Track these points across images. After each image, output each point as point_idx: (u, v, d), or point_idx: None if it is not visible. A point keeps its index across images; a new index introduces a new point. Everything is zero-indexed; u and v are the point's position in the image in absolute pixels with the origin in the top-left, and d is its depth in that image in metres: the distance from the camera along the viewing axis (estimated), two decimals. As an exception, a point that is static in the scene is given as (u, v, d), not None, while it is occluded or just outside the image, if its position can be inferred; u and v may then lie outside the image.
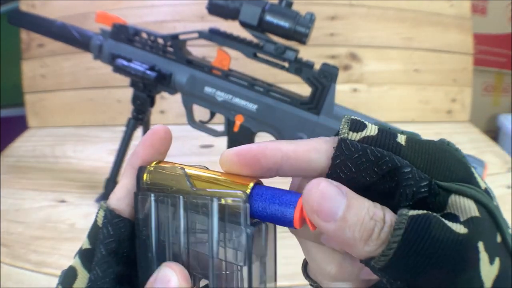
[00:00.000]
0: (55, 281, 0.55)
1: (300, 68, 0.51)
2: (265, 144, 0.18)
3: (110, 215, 0.21)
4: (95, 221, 0.21)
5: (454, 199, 0.15)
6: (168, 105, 0.90)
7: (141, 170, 0.21)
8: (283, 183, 0.19)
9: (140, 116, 0.61)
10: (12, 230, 0.58)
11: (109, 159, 0.63)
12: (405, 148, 0.16)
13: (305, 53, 0.55)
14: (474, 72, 0.97)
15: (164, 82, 0.56)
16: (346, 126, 0.17)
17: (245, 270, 0.18)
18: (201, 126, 0.58)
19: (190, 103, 0.57)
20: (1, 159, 0.77)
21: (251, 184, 0.19)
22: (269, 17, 0.49)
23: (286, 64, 0.52)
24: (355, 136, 0.16)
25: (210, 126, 0.58)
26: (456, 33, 0.95)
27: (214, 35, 0.53)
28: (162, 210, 0.20)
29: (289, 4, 0.50)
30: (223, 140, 0.58)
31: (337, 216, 0.15)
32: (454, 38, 0.95)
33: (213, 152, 0.79)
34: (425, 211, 0.15)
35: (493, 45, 1.11)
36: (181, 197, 0.20)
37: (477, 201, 0.15)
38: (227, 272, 0.19)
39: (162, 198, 0.20)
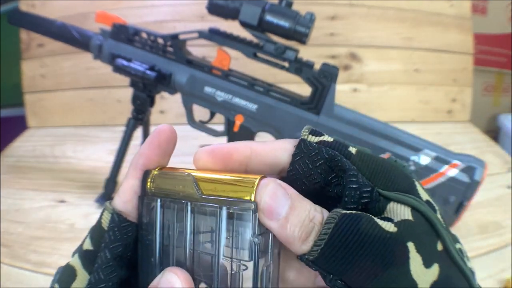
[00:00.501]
0: (55, 281, 0.54)
1: (300, 68, 0.51)
2: (236, 143, 0.20)
3: (118, 219, 0.20)
4: (100, 222, 0.21)
5: (392, 206, 0.17)
6: (168, 105, 0.90)
7: (146, 174, 0.21)
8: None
9: (140, 116, 0.61)
10: (12, 230, 0.58)
11: (109, 159, 0.63)
12: (354, 156, 0.18)
13: (305, 53, 0.55)
14: (474, 72, 0.97)
15: (164, 82, 0.56)
16: (306, 131, 0.19)
17: (250, 274, 0.18)
18: (201, 126, 0.58)
19: (190, 103, 0.57)
20: (1, 159, 0.77)
21: (257, 180, 0.19)
22: (269, 17, 0.49)
23: (286, 64, 0.52)
24: (314, 139, 0.19)
25: (210, 126, 0.58)
26: (456, 33, 0.95)
27: (214, 35, 0.53)
28: (167, 215, 0.20)
29: (289, 4, 0.49)
30: (223, 140, 0.58)
31: (280, 216, 0.17)
32: (454, 38, 0.95)
33: (213, 152, 0.79)
34: (358, 212, 0.16)
35: (493, 45, 1.11)
36: (188, 203, 0.19)
37: (414, 208, 0.17)
38: (233, 280, 0.19)
39: (169, 203, 0.20)
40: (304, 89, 0.53)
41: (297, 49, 0.51)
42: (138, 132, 0.64)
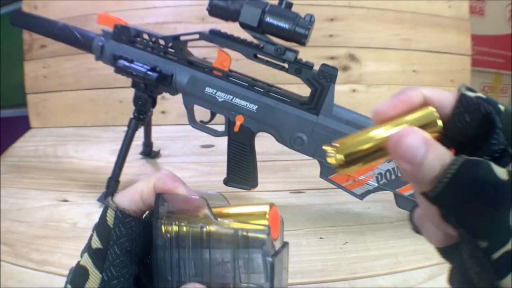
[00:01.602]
0: (57, 280, 0.55)
1: (299, 69, 0.52)
2: (409, 90, 0.21)
3: (122, 215, 0.21)
4: (105, 220, 0.22)
5: None
6: (169, 105, 0.90)
7: (159, 198, 0.22)
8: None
9: (142, 116, 0.61)
10: (14, 229, 0.58)
11: (111, 159, 0.63)
12: (503, 114, 0.20)
13: (305, 54, 0.56)
14: (472, 73, 0.98)
15: (165, 82, 0.56)
16: (464, 87, 0.20)
17: None
18: (201, 126, 0.59)
19: (191, 104, 0.57)
20: (3, 159, 0.77)
21: (268, 209, 0.20)
22: (269, 19, 0.49)
23: (286, 65, 0.52)
24: (472, 94, 0.20)
25: (210, 126, 0.59)
26: (454, 34, 0.95)
27: (215, 36, 0.54)
28: (182, 237, 0.21)
29: (289, 6, 0.50)
30: (224, 140, 0.58)
31: (416, 161, 0.18)
32: (452, 39, 0.95)
33: (214, 152, 0.80)
34: (479, 158, 0.17)
35: (491, 46, 1.12)
36: (204, 226, 0.20)
37: None
38: None
39: (184, 227, 0.21)
40: (303, 90, 0.54)
41: (297, 50, 0.52)
42: (140, 133, 0.64)
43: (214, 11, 0.51)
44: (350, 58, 0.93)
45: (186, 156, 0.79)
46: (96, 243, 0.22)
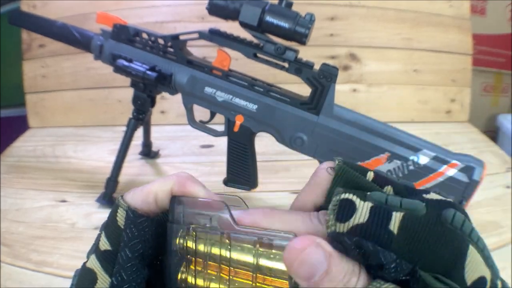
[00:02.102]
0: (56, 280, 0.55)
1: (300, 68, 0.51)
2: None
3: (133, 215, 0.20)
4: (115, 220, 0.20)
5: None
6: (169, 105, 0.90)
7: (175, 200, 0.20)
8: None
9: (141, 116, 0.61)
10: (12, 229, 0.58)
11: (110, 159, 0.63)
12: (397, 236, 0.16)
13: (305, 53, 0.55)
14: (473, 72, 0.97)
15: (164, 82, 0.56)
16: (332, 216, 0.17)
17: None
18: (201, 126, 0.58)
19: (190, 103, 0.57)
20: (2, 159, 0.77)
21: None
22: (269, 18, 0.49)
23: (286, 65, 0.52)
24: (343, 228, 0.16)
25: (210, 126, 0.59)
26: (455, 34, 0.95)
27: (214, 36, 0.54)
28: (200, 243, 0.19)
29: (289, 5, 0.50)
30: (223, 140, 0.58)
31: (313, 280, 0.15)
32: (453, 38, 0.95)
33: (213, 152, 0.79)
34: None
35: (492, 45, 1.12)
36: (224, 232, 0.19)
37: None
38: None
39: (201, 232, 0.19)
40: (304, 89, 0.54)
41: (297, 50, 0.52)
42: (139, 132, 0.64)
43: (213, 10, 0.51)
44: (351, 58, 0.92)
45: (186, 156, 0.78)
46: (104, 245, 0.20)
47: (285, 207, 0.21)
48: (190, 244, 0.19)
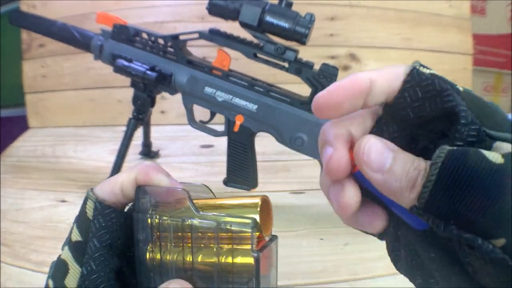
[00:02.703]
0: (56, 280, 0.54)
1: (300, 68, 0.51)
2: (354, 76, 0.18)
3: (101, 207, 0.20)
4: (85, 212, 0.21)
5: (497, 144, 0.16)
6: (169, 105, 0.90)
7: (140, 190, 0.21)
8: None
9: (141, 116, 0.61)
10: (12, 230, 0.58)
11: (110, 159, 0.63)
12: (463, 94, 0.17)
13: (305, 53, 0.55)
14: (474, 72, 0.97)
15: (164, 82, 0.56)
16: (417, 63, 0.18)
17: None
18: (201, 126, 0.58)
19: (190, 103, 0.57)
20: (2, 159, 0.77)
21: (259, 201, 0.19)
22: (269, 18, 0.49)
23: (286, 65, 0.52)
24: (426, 71, 0.18)
25: (210, 126, 0.59)
26: (455, 34, 0.95)
27: (214, 36, 0.54)
28: (164, 231, 0.20)
29: (289, 5, 0.50)
30: (223, 140, 0.58)
31: (385, 167, 0.16)
32: (453, 38, 0.95)
33: (213, 152, 0.79)
34: (464, 147, 0.16)
35: (493, 45, 1.12)
36: (186, 219, 0.19)
37: None
38: None
39: (165, 220, 0.20)
40: (304, 89, 0.54)
41: (297, 50, 0.52)
42: (139, 132, 0.64)
43: (213, 10, 0.51)
44: (351, 58, 0.92)
45: (186, 156, 0.78)
46: (76, 236, 0.21)
47: (285, 207, 0.21)
48: (156, 224, 0.20)
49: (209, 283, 0.19)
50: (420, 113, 0.17)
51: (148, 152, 0.76)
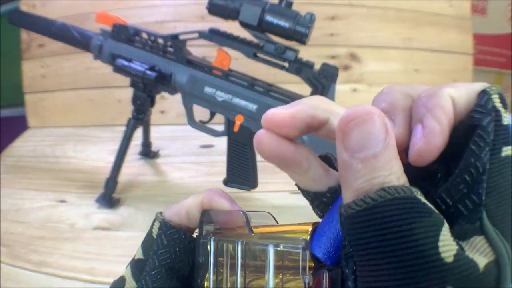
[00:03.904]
0: (55, 281, 0.55)
1: (300, 68, 0.51)
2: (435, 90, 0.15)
3: (165, 227, 0.21)
4: (150, 232, 0.21)
5: (478, 241, 0.13)
6: (168, 105, 0.90)
7: (204, 214, 0.21)
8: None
9: (140, 116, 0.61)
10: (12, 230, 0.58)
11: (110, 159, 0.63)
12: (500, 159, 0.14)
13: (305, 53, 0.55)
14: (474, 72, 0.97)
15: (164, 82, 0.56)
16: (494, 89, 0.15)
17: None
18: (201, 126, 0.58)
19: (190, 103, 0.57)
20: (1, 159, 0.77)
21: (310, 228, 0.18)
22: (269, 17, 0.49)
23: (286, 64, 0.52)
24: (496, 100, 0.14)
25: (210, 126, 0.59)
26: (456, 33, 0.95)
27: (214, 35, 0.53)
28: (220, 254, 0.20)
29: (289, 4, 0.50)
30: (223, 140, 0.58)
31: (359, 154, 0.14)
32: (454, 38, 0.95)
33: (213, 152, 0.79)
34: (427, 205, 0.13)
35: (493, 45, 1.11)
36: (239, 242, 0.19)
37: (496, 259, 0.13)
38: None
39: (222, 243, 0.20)
40: (304, 89, 0.54)
41: (297, 49, 0.51)
42: (139, 132, 0.64)
43: (213, 9, 0.51)
44: (351, 58, 0.92)
45: (186, 156, 0.78)
46: (138, 254, 0.21)
47: (285, 207, 0.21)
48: (214, 249, 0.20)
49: None
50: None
51: (148, 152, 0.76)
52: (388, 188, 0.13)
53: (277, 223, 0.22)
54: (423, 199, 0.13)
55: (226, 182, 0.59)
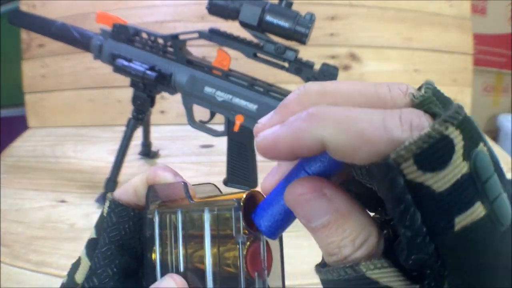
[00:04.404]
0: (55, 280, 0.55)
1: (300, 68, 0.51)
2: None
3: (114, 205, 0.21)
4: (102, 212, 0.22)
5: None
6: (168, 105, 0.90)
7: (150, 190, 0.21)
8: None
9: (140, 116, 0.61)
10: (12, 230, 0.58)
11: (110, 159, 0.63)
12: (453, 233, 0.12)
13: (305, 53, 0.55)
14: (474, 72, 0.97)
15: (164, 82, 0.56)
16: (415, 145, 0.12)
17: (242, 279, 0.17)
18: (201, 126, 0.58)
19: (190, 103, 0.57)
20: (1, 159, 0.77)
21: (244, 195, 0.18)
22: (269, 17, 0.49)
23: (286, 64, 0.52)
24: (411, 174, 0.12)
25: (210, 126, 0.58)
26: (456, 33, 0.95)
27: (214, 35, 0.53)
28: (164, 227, 0.20)
29: (289, 4, 0.50)
30: (223, 140, 0.58)
31: (310, 225, 0.14)
32: (454, 38, 0.95)
33: (213, 152, 0.79)
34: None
35: (493, 45, 1.11)
36: (179, 210, 0.19)
37: None
38: (226, 284, 0.18)
39: (165, 215, 0.20)
40: (304, 89, 0.53)
41: (297, 49, 0.51)
42: (139, 132, 0.64)
43: (213, 9, 0.51)
44: (351, 58, 0.92)
45: (186, 156, 0.78)
46: (92, 234, 0.22)
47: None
48: (159, 222, 0.20)
49: (203, 276, 0.19)
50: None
51: (148, 152, 0.76)
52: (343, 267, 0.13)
53: (221, 193, 0.22)
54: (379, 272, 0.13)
55: (226, 182, 0.59)
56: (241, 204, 0.17)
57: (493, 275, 0.12)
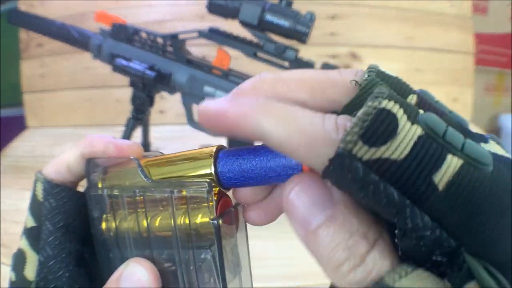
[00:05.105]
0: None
1: (300, 67, 0.51)
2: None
3: (49, 186, 0.19)
4: (35, 195, 0.19)
5: None
6: (168, 104, 0.90)
7: (89, 164, 0.19)
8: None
9: (140, 116, 0.61)
10: (11, 230, 0.58)
11: (109, 159, 0.63)
12: (440, 195, 0.11)
13: (306, 52, 0.55)
14: (475, 71, 0.97)
15: (163, 81, 0.56)
16: (357, 129, 0.12)
17: (213, 262, 0.16)
18: (201, 126, 0.58)
19: (190, 103, 0.57)
20: (0, 159, 0.76)
21: (214, 149, 0.16)
22: (269, 16, 0.48)
23: (286, 64, 0.51)
24: (366, 154, 0.12)
25: (210, 126, 0.58)
26: (457, 33, 0.95)
27: (214, 35, 0.53)
28: (117, 207, 0.18)
29: (289, 4, 0.49)
30: (223, 140, 0.57)
31: (310, 227, 0.13)
32: (455, 37, 0.95)
33: (213, 152, 0.79)
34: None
35: (494, 44, 1.11)
36: (136, 191, 0.18)
37: None
38: (196, 266, 0.17)
39: (117, 194, 0.18)
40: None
41: (297, 49, 0.51)
42: (138, 132, 0.64)
43: (213, 8, 0.51)
44: (352, 57, 0.92)
45: (185, 156, 0.78)
46: (30, 222, 0.19)
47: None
48: (108, 194, 0.19)
49: (168, 248, 0.17)
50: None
51: (147, 152, 0.76)
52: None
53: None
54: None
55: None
56: (212, 181, 0.16)
57: (503, 217, 0.11)
